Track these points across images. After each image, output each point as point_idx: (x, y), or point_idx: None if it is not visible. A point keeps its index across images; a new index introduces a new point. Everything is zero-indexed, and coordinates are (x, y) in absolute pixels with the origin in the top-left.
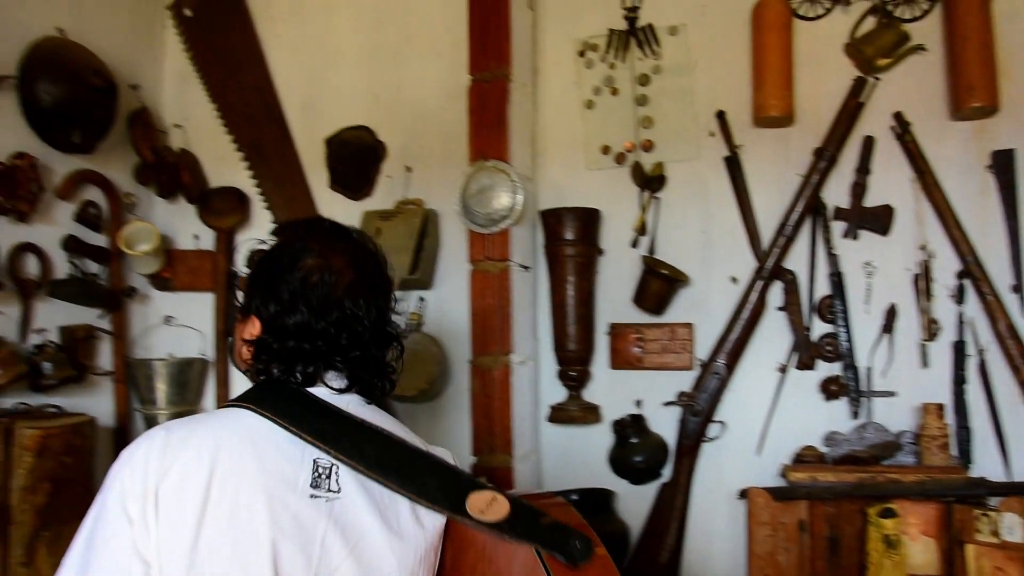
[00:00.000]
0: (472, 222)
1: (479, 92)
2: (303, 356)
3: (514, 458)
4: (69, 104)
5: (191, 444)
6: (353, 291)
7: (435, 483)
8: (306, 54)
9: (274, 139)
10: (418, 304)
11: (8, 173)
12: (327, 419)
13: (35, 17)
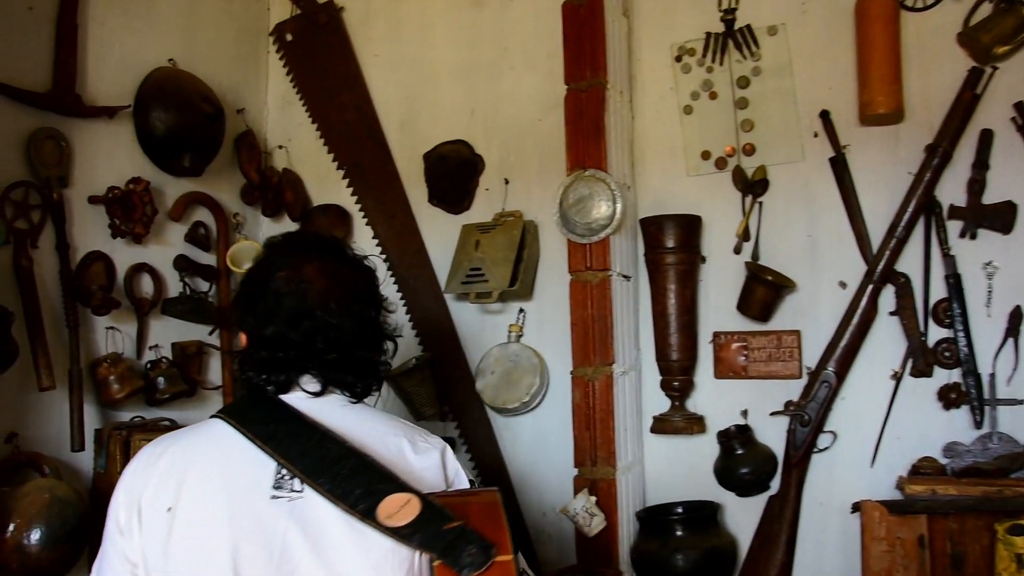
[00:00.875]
0: (571, 232)
1: (575, 101)
2: (277, 365)
3: (617, 470)
4: (180, 130)
5: (166, 457)
6: (324, 299)
7: (360, 488)
8: (403, 72)
9: (374, 156)
10: (518, 316)
11: (125, 198)
12: (285, 425)
13: (150, 50)
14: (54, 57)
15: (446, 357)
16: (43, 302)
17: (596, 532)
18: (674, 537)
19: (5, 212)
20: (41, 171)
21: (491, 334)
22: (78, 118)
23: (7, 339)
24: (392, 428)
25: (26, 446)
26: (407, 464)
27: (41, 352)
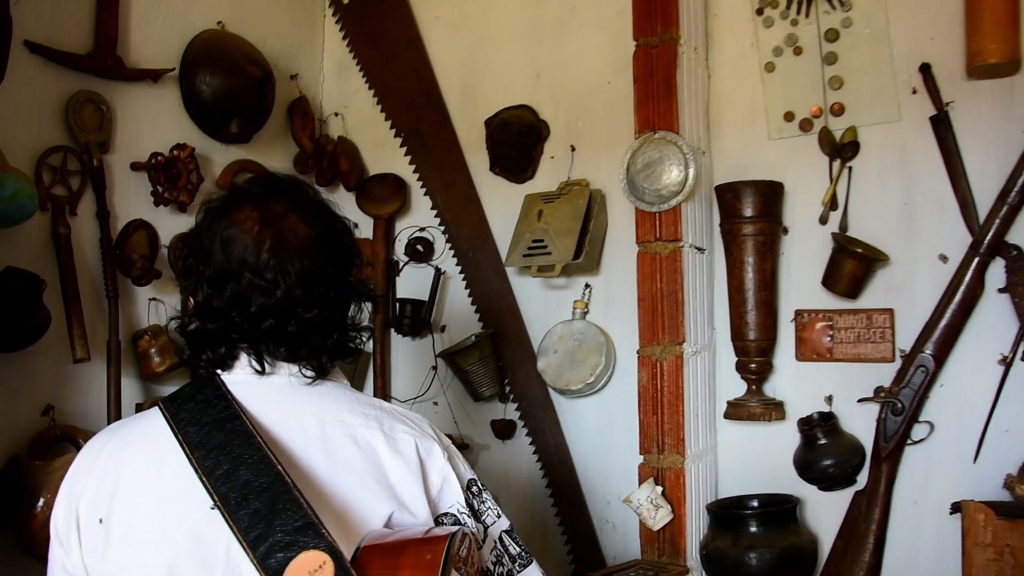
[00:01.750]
0: (639, 199)
1: (645, 58)
2: (206, 338)
3: (686, 458)
4: (228, 95)
5: (103, 456)
6: (255, 252)
7: (279, 533)
8: (465, 34)
9: (433, 123)
10: (584, 291)
11: (169, 164)
12: (219, 430)
13: (197, 12)
14: (95, 18)
15: (507, 334)
16: (82, 271)
17: (661, 525)
18: (748, 534)
19: (42, 177)
20: (80, 136)
21: (555, 310)
22: (120, 81)
23: (39, 308)
24: (364, 416)
25: (62, 419)
26: (379, 469)
27: (76, 323)
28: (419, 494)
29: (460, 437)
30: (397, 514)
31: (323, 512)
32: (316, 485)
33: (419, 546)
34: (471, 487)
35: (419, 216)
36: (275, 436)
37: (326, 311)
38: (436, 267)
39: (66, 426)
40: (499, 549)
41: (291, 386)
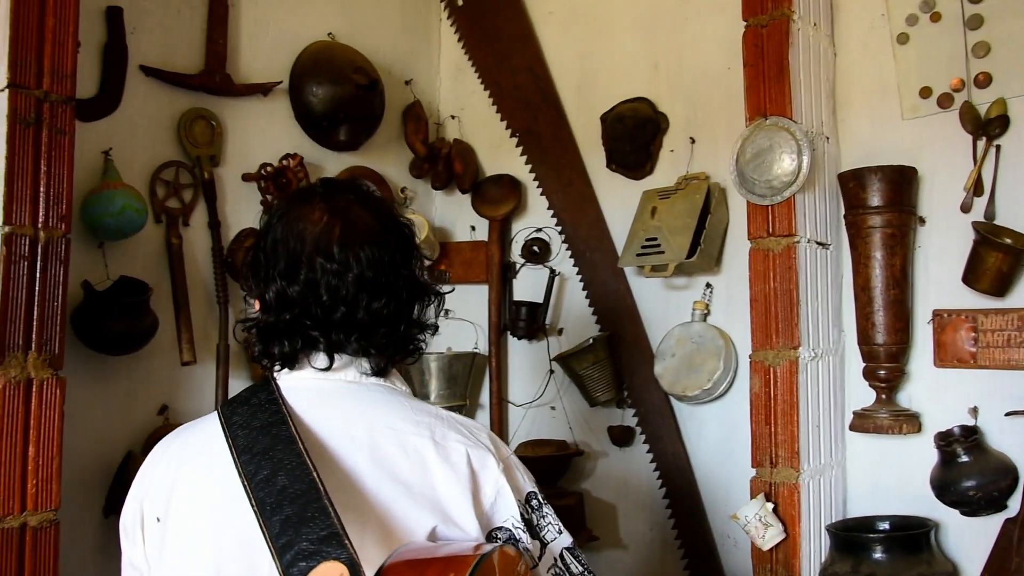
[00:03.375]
0: (750, 192)
1: (754, 39)
2: (279, 331)
3: (802, 473)
4: (334, 104)
5: (166, 457)
6: (326, 241)
7: (305, 541)
8: (579, 28)
9: (548, 121)
10: (704, 291)
11: (278, 174)
12: (266, 435)
13: (308, 25)
14: (205, 38)
15: (625, 337)
16: (195, 279)
17: (771, 545)
18: (870, 560)
19: (156, 192)
20: (192, 151)
21: (676, 312)
22: (230, 97)
23: (146, 314)
24: (415, 423)
25: (175, 418)
26: (426, 477)
27: (185, 328)
28: (467, 507)
29: (576, 443)
30: (441, 527)
31: (366, 521)
32: (361, 493)
33: (445, 564)
34: (530, 500)
35: (535, 216)
36: (323, 442)
37: (394, 302)
38: (551, 269)
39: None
40: (559, 567)
41: (345, 391)
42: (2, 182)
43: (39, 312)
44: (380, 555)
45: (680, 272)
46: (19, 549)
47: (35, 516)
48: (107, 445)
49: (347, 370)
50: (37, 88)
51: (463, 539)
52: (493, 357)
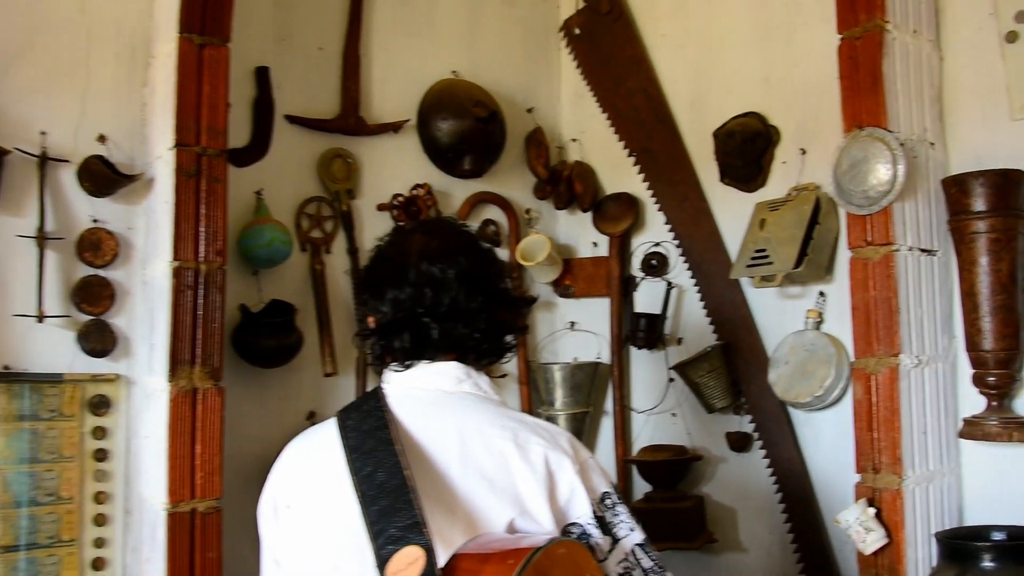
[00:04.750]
0: (848, 202)
1: (849, 51)
2: (396, 328)
3: (905, 479)
4: (457, 136)
5: (294, 459)
6: (427, 252)
7: (394, 528)
8: (691, 48)
9: (663, 140)
10: (817, 300)
11: (409, 203)
12: (371, 437)
13: (433, 66)
14: (341, 86)
15: (741, 346)
16: (336, 300)
17: (873, 549)
18: (978, 568)
19: (301, 224)
20: (331, 186)
21: (790, 320)
22: (364, 136)
23: (293, 330)
24: (501, 427)
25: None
26: (508, 475)
27: (327, 343)
28: (543, 502)
29: (694, 448)
30: (519, 520)
31: (453, 512)
32: (450, 488)
33: (506, 553)
34: (604, 500)
35: (653, 231)
36: (420, 443)
37: (489, 303)
38: (668, 281)
39: None
40: (630, 561)
41: (441, 399)
42: (171, 225)
43: (202, 332)
44: (463, 542)
45: (792, 281)
46: (190, 529)
47: (202, 503)
48: (263, 445)
49: (445, 380)
50: (196, 145)
51: (537, 532)
52: (615, 366)
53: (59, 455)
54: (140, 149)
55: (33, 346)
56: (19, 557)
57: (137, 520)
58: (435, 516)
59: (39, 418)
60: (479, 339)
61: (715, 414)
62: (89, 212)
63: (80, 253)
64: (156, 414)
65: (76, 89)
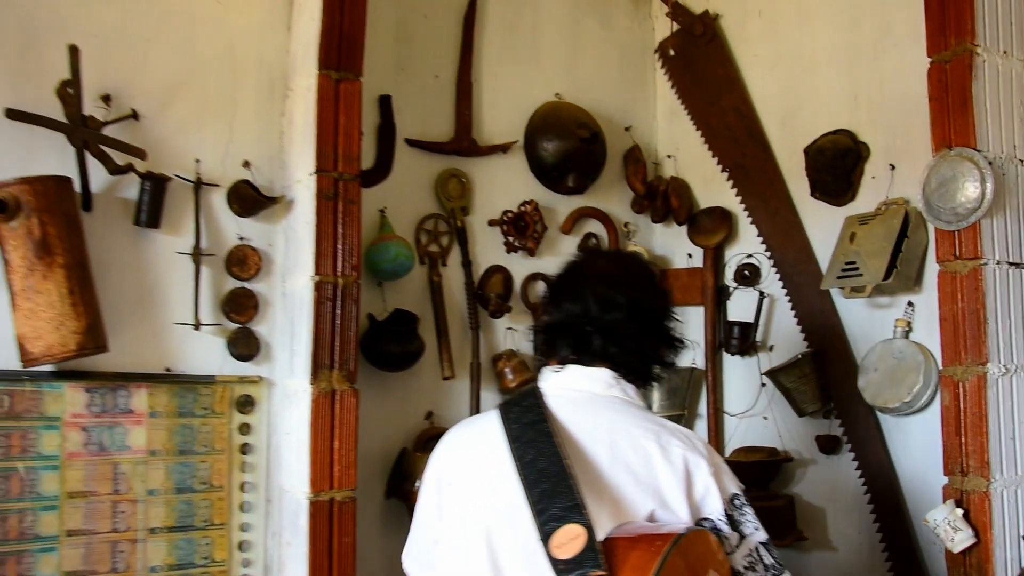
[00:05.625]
0: (936, 219)
1: (938, 74)
2: (564, 330)
3: (993, 482)
4: (562, 156)
5: (456, 442)
6: (605, 278)
7: (556, 508)
8: (782, 68)
9: (755, 156)
10: (906, 309)
11: (517, 218)
12: (532, 428)
13: (538, 89)
14: (454, 112)
15: (831, 353)
16: (452, 309)
17: (960, 548)
18: None
19: (420, 239)
20: (447, 204)
21: (879, 329)
22: (476, 157)
23: (416, 338)
24: (645, 429)
25: (438, 422)
26: (651, 470)
27: (445, 349)
28: (682, 498)
29: (785, 451)
30: (659, 511)
31: (601, 499)
32: (600, 477)
33: (654, 536)
34: (734, 500)
35: (746, 243)
36: (574, 437)
37: (649, 334)
38: (760, 291)
39: (441, 428)
40: (754, 556)
41: (594, 401)
42: (312, 243)
43: (340, 339)
44: (610, 525)
45: (881, 292)
46: (329, 516)
47: (339, 493)
48: (387, 442)
49: (597, 384)
50: (334, 170)
51: (675, 522)
52: (709, 372)
53: (211, 448)
54: (279, 173)
55: (190, 351)
56: (179, 537)
57: (277, 507)
58: (586, 501)
59: (194, 415)
60: (628, 359)
61: (805, 418)
62: (236, 231)
63: (229, 268)
64: (298, 413)
65: (224, 120)
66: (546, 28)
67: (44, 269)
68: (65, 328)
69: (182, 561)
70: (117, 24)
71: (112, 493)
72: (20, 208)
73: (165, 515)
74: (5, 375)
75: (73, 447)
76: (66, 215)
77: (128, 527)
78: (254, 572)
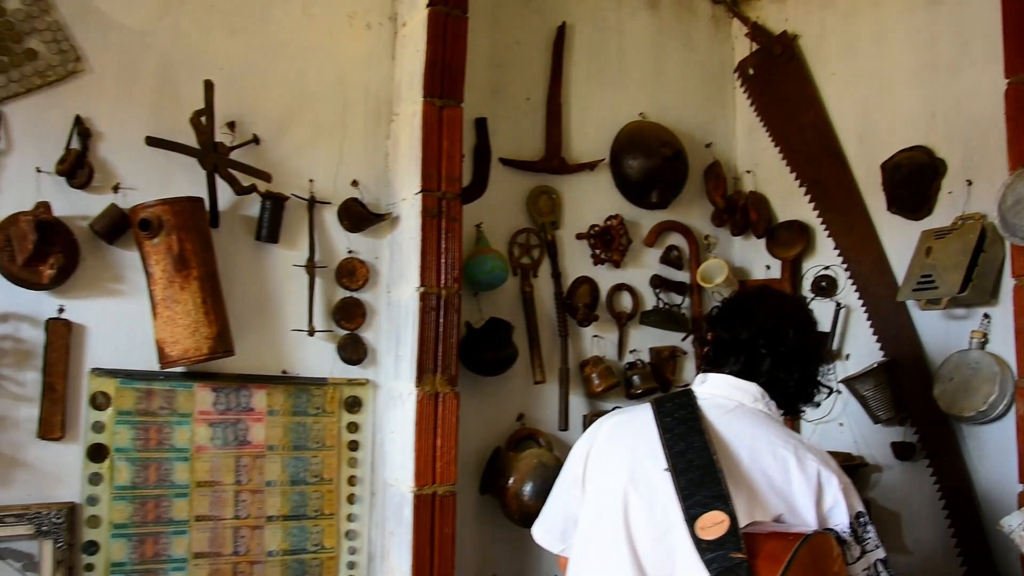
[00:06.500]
0: (1012, 235)
1: (1016, 95)
2: (724, 347)
3: None
4: (646, 172)
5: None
6: (779, 311)
7: (701, 495)
8: (860, 86)
9: (832, 171)
10: (982, 321)
11: (603, 232)
12: (683, 424)
13: (623, 109)
14: (544, 132)
15: (906, 362)
16: (541, 317)
17: None
18: None
19: (513, 252)
20: (537, 219)
21: (955, 340)
22: (565, 175)
23: (510, 345)
24: (785, 441)
25: (529, 424)
26: (786, 477)
27: (536, 355)
28: (810, 506)
29: (860, 456)
30: (787, 515)
31: (739, 492)
32: (738, 475)
33: (786, 532)
34: (859, 517)
35: (823, 256)
36: (720, 436)
37: (806, 372)
38: (836, 302)
39: (531, 428)
40: (872, 571)
41: (741, 410)
42: (418, 256)
43: (442, 346)
44: (744, 518)
45: (956, 304)
46: (431, 509)
47: (441, 487)
48: (482, 442)
49: (746, 396)
50: (438, 190)
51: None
52: None
53: (322, 444)
54: (384, 191)
55: (304, 355)
56: (292, 525)
57: (381, 500)
58: None
59: (308, 414)
60: (786, 385)
61: (880, 425)
62: (346, 245)
63: (339, 279)
64: (402, 413)
65: (335, 143)
66: (631, 51)
67: (182, 281)
68: (199, 334)
69: (295, 547)
70: (240, 58)
71: (235, 483)
72: (162, 226)
73: (281, 504)
74: (145, 375)
75: (201, 441)
76: (200, 232)
77: (248, 514)
78: (359, 559)
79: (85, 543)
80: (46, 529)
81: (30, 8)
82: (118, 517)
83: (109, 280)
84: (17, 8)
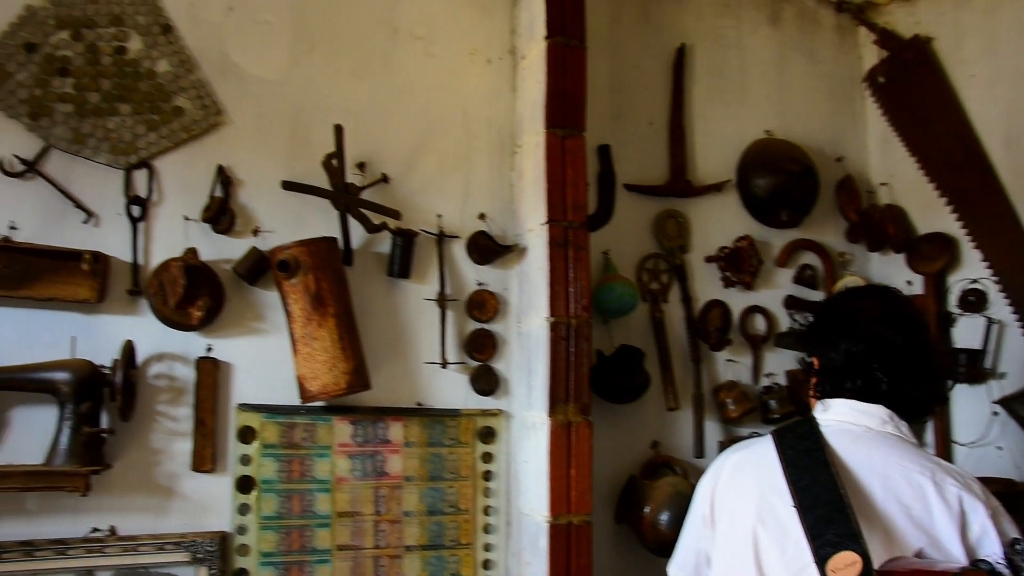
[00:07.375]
0: None
1: None
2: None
3: None
4: (774, 190)
5: (730, 461)
6: (881, 318)
7: (831, 534)
8: (1003, 86)
9: (976, 179)
10: None
11: (733, 254)
12: (807, 456)
13: (748, 127)
14: (669, 155)
15: None
16: (673, 343)
17: None
18: None
19: (642, 278)
20: (665, 243)
21: None
22: (691, 197)
23: (641, 371)
24: (920, 465)
25: (663, 451)
26: (925, 506)
27: (669, 381)
28: (955, 537)
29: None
30: (928, 548)
31: (873, 527)
32: (873, 508)
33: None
34: (1015, 545)
35: (969, 269)
36: (848, 467)
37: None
38: (987, 317)
39: (667, 456)
40: None
41: (868, 435)
42: (546, 287)
43: (574, 375)
44: (880, 556)
45: None
46: (567, 539)
47: (576, 517)
48: (616, 470)
49: (873, 420)
50: (564, 220)
51: (944, 560)
52: None
53: (458, 475)
54: (511, 223)
55: (438, 387)
56: (431, 555)
57: (516, 530)
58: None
59: (443, 444)
60: (917, 399)
61: None
62: (475, 277)
63: (469, 311)
64: (537, 443)
65: (461, 177)
66: (752, 68)
67: (319, 318)
68: (337, 369)
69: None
70: (367, 100)
71: (374, 514)
72: (299, 267)
73: (419, 534)
74: (287, 409)
75: (341, 472)
76: (335, 271)
77: (388, 544)
78: None
79: (236, 570)
80: (201, 556)
81: (177, 69)
82: (265, 546)
83: (252, 319)
84: (167, 70)
